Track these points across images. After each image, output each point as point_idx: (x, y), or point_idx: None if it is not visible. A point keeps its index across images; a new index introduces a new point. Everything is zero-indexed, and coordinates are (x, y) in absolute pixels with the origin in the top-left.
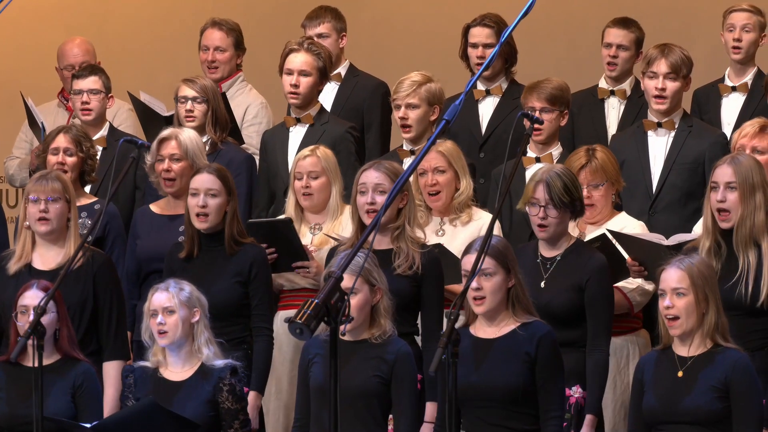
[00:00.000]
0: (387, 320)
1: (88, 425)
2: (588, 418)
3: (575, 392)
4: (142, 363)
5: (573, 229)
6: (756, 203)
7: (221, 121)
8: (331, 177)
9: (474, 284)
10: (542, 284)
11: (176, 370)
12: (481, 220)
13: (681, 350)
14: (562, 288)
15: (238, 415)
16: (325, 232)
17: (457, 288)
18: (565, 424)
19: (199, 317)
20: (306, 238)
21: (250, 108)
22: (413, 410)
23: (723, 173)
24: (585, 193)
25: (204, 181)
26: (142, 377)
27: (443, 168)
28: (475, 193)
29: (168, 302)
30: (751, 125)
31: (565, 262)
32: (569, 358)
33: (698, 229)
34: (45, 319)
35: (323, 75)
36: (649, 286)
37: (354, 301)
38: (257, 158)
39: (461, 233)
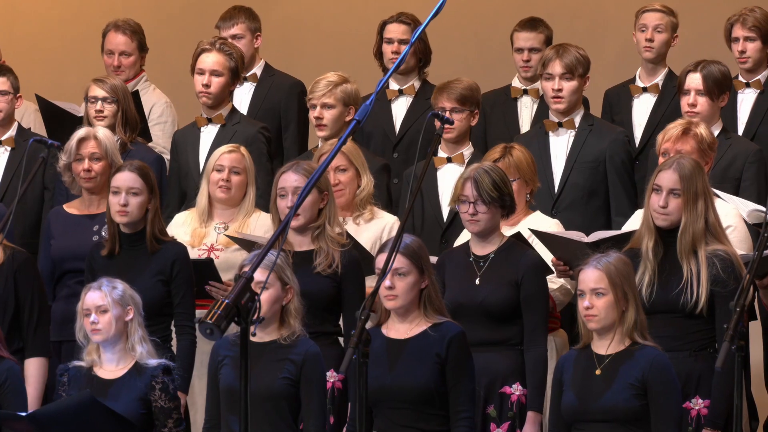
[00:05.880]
0: (297, 321)
1: (23, 414)
2: (530, 415)
3: (515, 390)
4: (76, 362)
5: None
6: (698, 211)
7: (131, 121)
8: (249, 178)
9: (387, 283)
10: (477, 281)
11: (110, 368)
12: (383, 219)
13: (599, 348)
14: (498, 285)
15: (171, 414)
16: (230, 232)
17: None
18: (509, 423)
19: (133, 315)
20: (210, 237)
21: (155, 107)
22: (322, 411)
23: (668, 179)
24: None
25: (125, 179)
26: (76, 376)
27: (344, 167)
28: (389, 193)
29: (101, 301)
30: (674, 127)
31: (499, 259)
32: (506, 356)
33: (627, 227)
34: None
35: (235, 75)
36: (571, 286)
37: (264, 295)
38: (165, 156)
39: (364, 231)
